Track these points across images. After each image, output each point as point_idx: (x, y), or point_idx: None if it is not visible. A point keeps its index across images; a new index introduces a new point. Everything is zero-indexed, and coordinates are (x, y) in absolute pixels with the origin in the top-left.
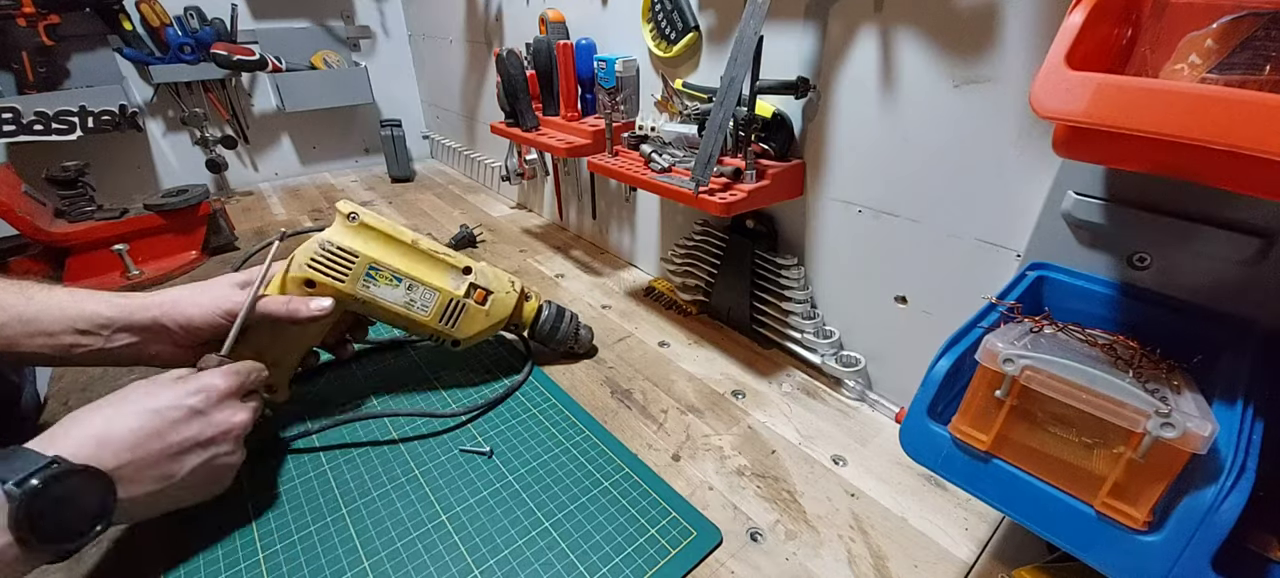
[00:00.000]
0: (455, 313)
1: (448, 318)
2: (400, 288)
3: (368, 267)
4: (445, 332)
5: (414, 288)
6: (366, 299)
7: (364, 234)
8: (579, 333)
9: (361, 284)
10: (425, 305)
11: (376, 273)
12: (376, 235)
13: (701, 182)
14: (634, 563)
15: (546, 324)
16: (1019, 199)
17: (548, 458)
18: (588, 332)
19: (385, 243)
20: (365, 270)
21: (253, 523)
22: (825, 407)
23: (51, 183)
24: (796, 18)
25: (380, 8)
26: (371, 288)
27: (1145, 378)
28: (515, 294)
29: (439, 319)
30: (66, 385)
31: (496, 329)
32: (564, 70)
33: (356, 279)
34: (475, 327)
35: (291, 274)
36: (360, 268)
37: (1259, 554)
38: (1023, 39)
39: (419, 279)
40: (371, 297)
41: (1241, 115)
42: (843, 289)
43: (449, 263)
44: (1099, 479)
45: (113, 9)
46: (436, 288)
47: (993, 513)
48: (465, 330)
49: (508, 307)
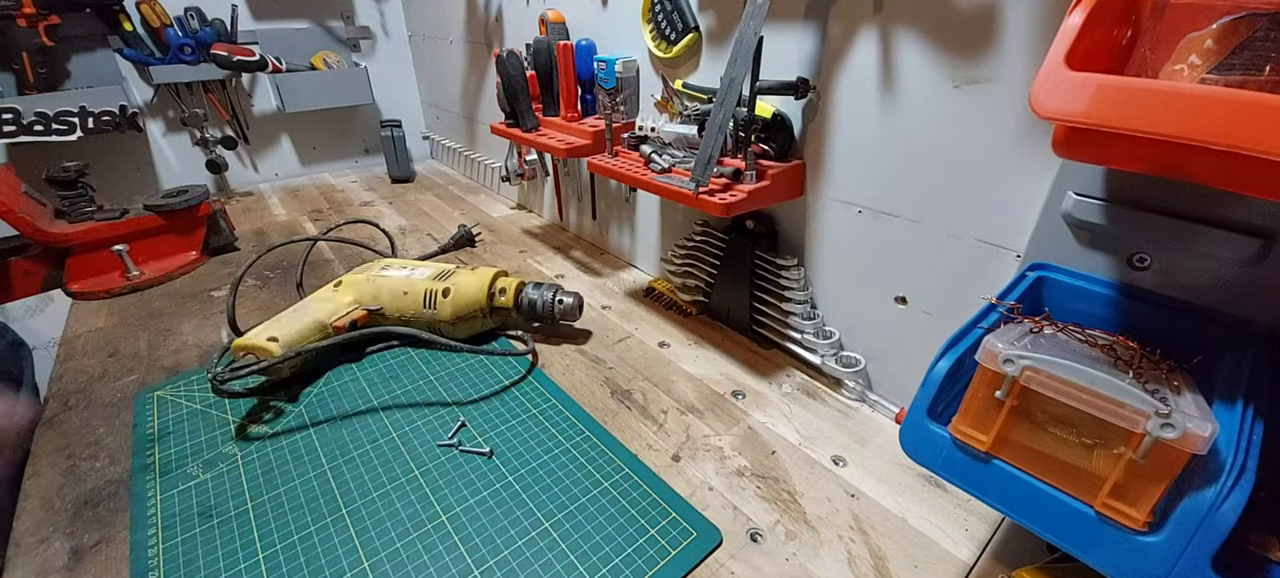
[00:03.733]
0: (445, 275)
1: (439, 277)
2: (404, 271)
3: (382, 266)
4: (436, 285)
5: (414, 270)
6: (377, 280)
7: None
8: (561, 299)
9: (377, 272)
10: (422, 274)
11: (388, 267)
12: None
13: (701, 182)
14: (634, 564)
15: (527, 297)
16: (1019, 199)
17: (548, 459)
18: (574, 297)
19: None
20: (380, 267)
21: (253, 523)
22: (825, 407)
23: (51, 183)
24: (796, 18)
25: (380, 8)
26: (384, 272)
27: (1145, 379)
28: (494, 269)
29: (432, 278)
30: (66, 386)
31: (482, 286)
32: (564, 71)
33: (374, 271)
34: (462, 280)
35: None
36: (376, 265)
37: (1259, 555)
38: (1023, 39)
39: (419, 266)
40: (381, 277)
41: (1241, 115)
42: (843, 290)
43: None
44: (1099, 480)
45: (113, 9)
46: (430, 268)
47: (993, 513)
48: (454, 280)
49: (490, 271)
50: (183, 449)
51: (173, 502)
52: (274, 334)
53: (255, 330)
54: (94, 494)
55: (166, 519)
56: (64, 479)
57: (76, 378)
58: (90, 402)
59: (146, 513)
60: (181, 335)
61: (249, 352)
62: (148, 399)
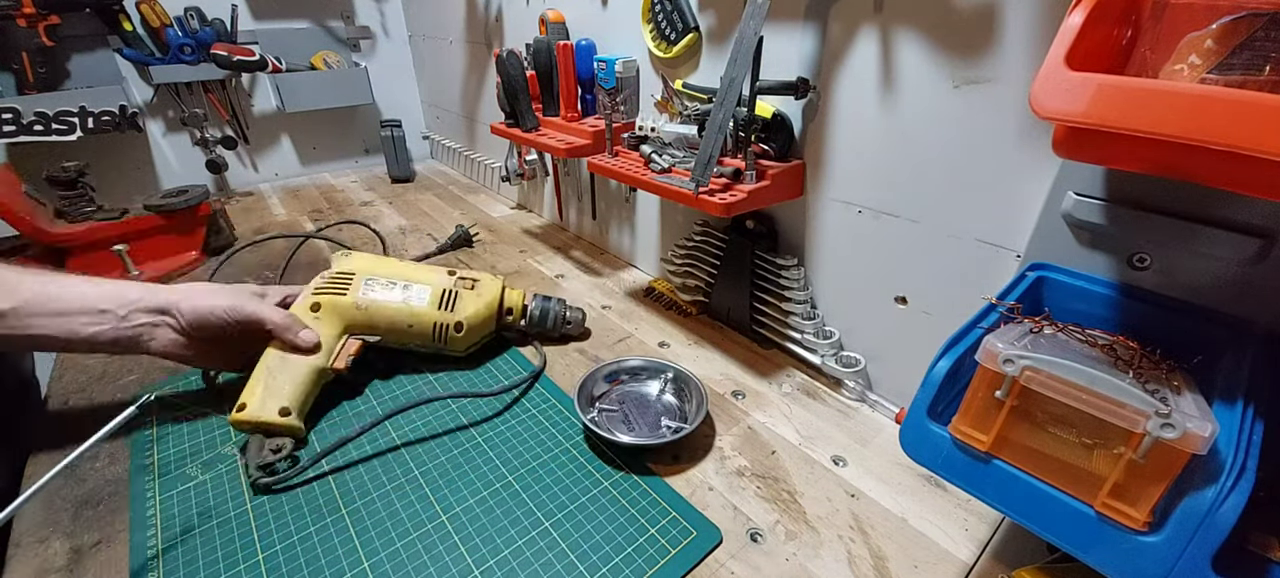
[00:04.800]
0: (450, 299)
1: (444, 304)
2: (396, 288)
3: (365, 278)
4: (446, 317)
5: (409, 287)
6: (368, 305)
7: (357, 259)
8: (568, 314)
9: (362, 293)
10: (421, 298)
11: (373, 281)
12: (368, 258)
13: (701, 182)
14: (634, 563)
15: (536, 310)
16: (1019, 199)
17: (547, 458)
18: (578, 312)
19: (376, 261)
20: (363, 281)
21: (253, 524)
22: (825, 407)
23: (51, 183)
24: (796, 18)
25: (380, 8)
26: (371, 293)
27: (1145, 378)
28: (500, 280)
29: (437, 306)
30: (66, 385)
31: (492, 313)
32: (564, 71)
33: (356, 289)
34: (471, 307)
35: (298, 303)
36: (358, 281)
37: (1259, 555)
38: (1023, 39)
39: (411, 278)
40: (372, 301)
41: (1241, 115)
42: (843, 290)
43: (435, 267)
44: (1099, 480)
45: (113, 9)
46: (427, 282)
47: (993, 513)
48: (464, 310)
49: (496, 288)
50: (181, 450)
51: (171, 503)
52: (285, 406)
53: (255, 401)
54: (94, 494)
55: (166, 520)
56: (64, 479)
57: (76, 378)
58: (91, 401)
59: (146, 514)
60: None
61: (259, 429)
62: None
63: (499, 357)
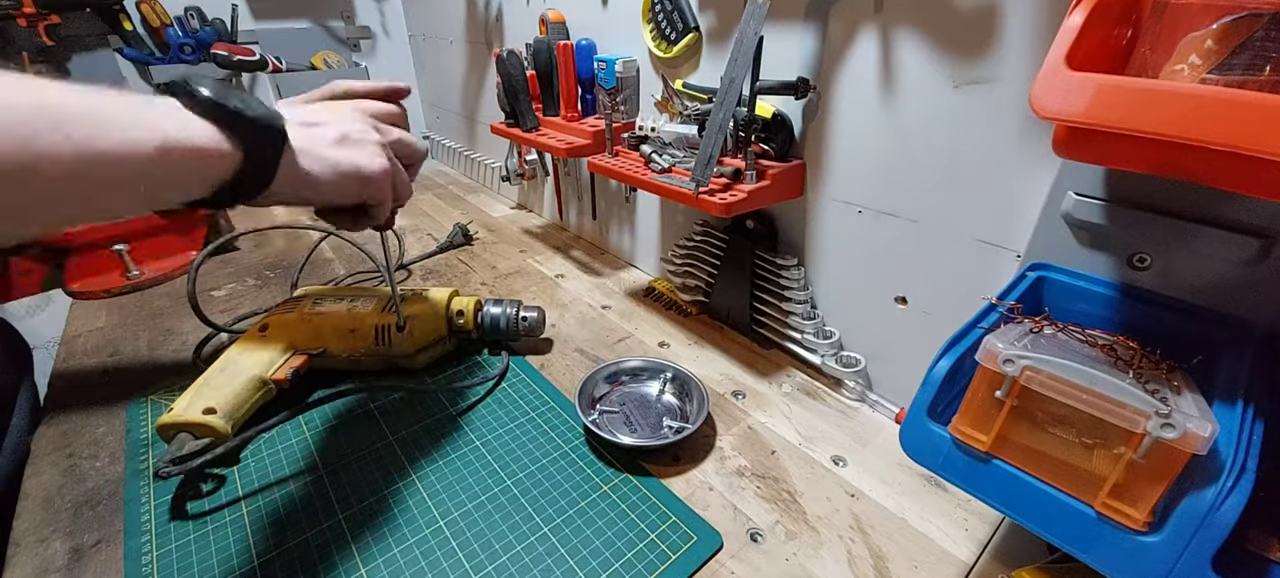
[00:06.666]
0: (394, 304)
1: (388, 309)
2: (342, 302)
3: (314, 299)
4: (388, 319)
5: (355, 300)
6: (312, 315)
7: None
8: (523, 316)
9: (309, 307)
10: (366, 306)
11: (322, 299)
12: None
13: (701, 182)
14: (634, 569)
15: (487, 318)
16: (1019, 199)
17: (546, 461)
18: (535, 311)
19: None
20: (311, 300)
21: (248, 530)
22: (825, 407)
23: None
24: (796, 18)
25: (380, 8)
26: (318, 307)
27: (1145, 378)
28: (448, 290)
29: (380, 311)
30: (66, 385)
31: (438, 313)
32: (564, 71)
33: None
34: (416, 308)
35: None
36: (307, 300)
37: (1259, 555)
38: (1023, 39)
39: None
40: (316, 311)
41: (1241, 115)
42: (843, 290)
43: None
44: (1099, 480)
45: (113, 9)
46: (373, 295)
47: (993, 514)
48: (407, 311)
49: (444, 293)
50: None
51: (166, 507)
52: (211, 405)
53: (182, 400)
54: (94, 494)
55: (160, 523)
56: (64, 479)
57: (77, 377)
58: (91, 401)
59: (141, 517)
60: (182, 335)
61: (183, 430)
62: (141, 403)
63: (458, 366)
